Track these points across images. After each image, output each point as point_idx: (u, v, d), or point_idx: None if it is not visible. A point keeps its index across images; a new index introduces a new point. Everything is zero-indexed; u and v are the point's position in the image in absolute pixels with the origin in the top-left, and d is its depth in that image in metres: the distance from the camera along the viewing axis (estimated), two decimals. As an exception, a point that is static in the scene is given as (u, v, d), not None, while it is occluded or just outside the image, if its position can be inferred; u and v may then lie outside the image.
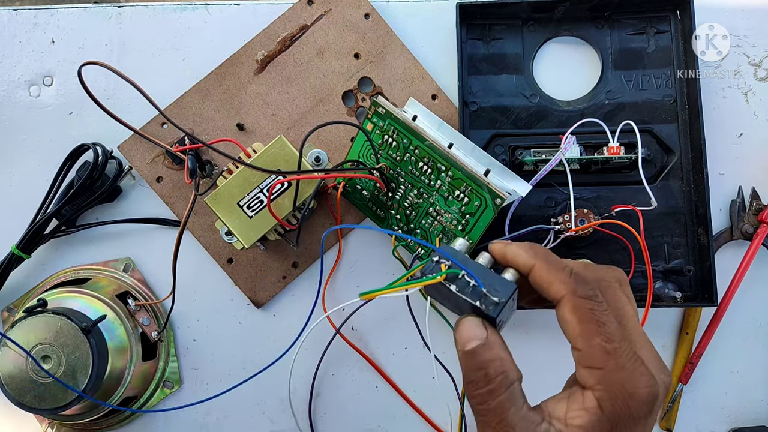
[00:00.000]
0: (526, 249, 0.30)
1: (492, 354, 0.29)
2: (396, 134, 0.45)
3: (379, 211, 0.48)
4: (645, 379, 0.27)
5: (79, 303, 0.47)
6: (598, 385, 0.27)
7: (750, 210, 0.50)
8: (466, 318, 0.30)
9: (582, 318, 0.28)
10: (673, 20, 0.50)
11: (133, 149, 0.51)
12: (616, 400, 0.26)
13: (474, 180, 0.42)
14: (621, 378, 0.26)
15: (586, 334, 0.27)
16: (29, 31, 0.53)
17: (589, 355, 0.27)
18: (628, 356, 0.27)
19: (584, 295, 0.28)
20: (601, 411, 0.26)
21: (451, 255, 0.30)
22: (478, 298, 0.29)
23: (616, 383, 0.26)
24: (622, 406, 0.26)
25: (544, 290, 0.29)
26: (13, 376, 0.44)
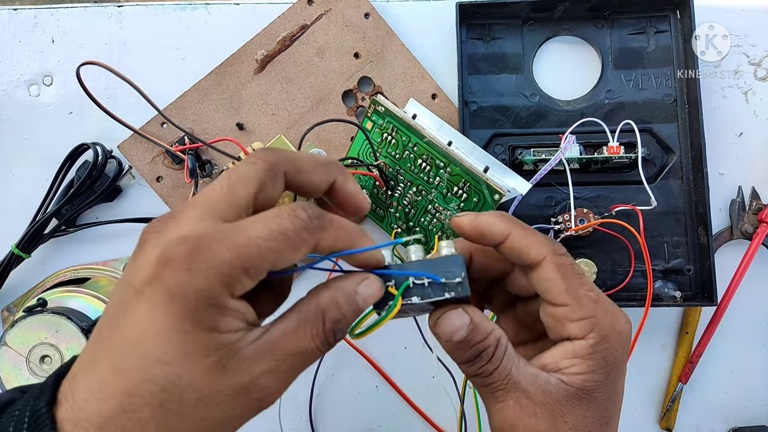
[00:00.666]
0: (499, 217, 0.30)
1: (483, 330, 0.28)
2: (395, 132, 0.45)
3: (378, 210, 0.48)
4: (623, 315, 0.30)
5: (79, 302, 0.47)
6: (591, 332, 0.28)
7: (750, 209, 0.50)
8: (445, 314, 0.29)
9: (565, 274, 0.29)
10: (673, 20, 0.50)
11: (132, 149, 0.51)
12: (609, 341, 0.28)
13: (472, 176, 0.42)
14: (610, 321, 0.29)
15: (573, 287, 0.29)
16: (29, 31, 0.53)
17: (579, 307, 0.28)
18: (606, 300, 0.29)
19: (562, 252, 0.30)
20: (596, 354, 0.28)
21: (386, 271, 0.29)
22: (442, 290, 0.28)
23: (606, 327, 0.28)
24: (615, 344, 0.28)
25: (523, 254, 0.29)
26: (12, 375, 0.44)
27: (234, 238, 0.23)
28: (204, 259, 0.22)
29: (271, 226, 0.24)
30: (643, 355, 0.50)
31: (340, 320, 0.25)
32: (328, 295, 0.26)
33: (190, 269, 0.22)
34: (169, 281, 0.22)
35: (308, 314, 0.25)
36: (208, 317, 0.22)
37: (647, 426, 0.50)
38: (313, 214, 0.25)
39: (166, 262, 0.22)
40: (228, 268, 0.22)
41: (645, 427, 0.50)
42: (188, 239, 0.23)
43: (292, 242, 0.24)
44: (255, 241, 0.23)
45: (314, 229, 0.24)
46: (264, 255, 0.23)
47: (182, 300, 0.22)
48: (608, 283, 0.48)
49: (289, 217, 0.24)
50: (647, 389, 0.51)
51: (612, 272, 0.48)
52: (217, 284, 0.22)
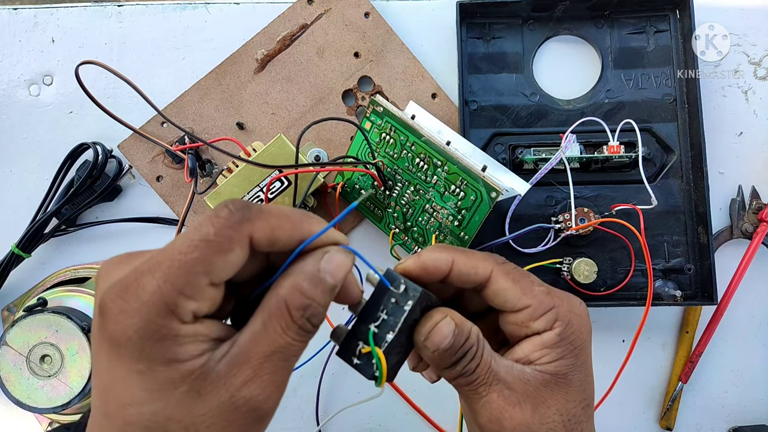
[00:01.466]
0: (439, 249, 0.30)
1: (466, 331, 0.29)
2: (393, 132, 0.45)
3: (377, 210, 0.48)
4: (576, 299, 0.31)
5: (79, 302, 0.47)
6: (557, 322, 0.29)
7: (750, 209, 0.50)
8: (437, 327, 0.28)
9: (515, 278, 0.30)
10: (672, 19, 0.50)
11: (132, 148, 0.51)
12: (573, 324, 0.30)
13: (470, 174, 0.42)
14: (567, 306, 0.30)
15: (527, 288, 0.30)
16: (29, 31, 0.53)
17: (539, 304, 0.29)
18: (556, 290, 0.31)
19: (503, 261, 0.31)
20: (564, 341, 0.29)
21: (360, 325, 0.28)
22: (401, 307, 0.27)
23: (567, 312, 0.30)
24: (578, 327, 0.30)
25: (470, 276, 0.30)
26: (13, 375, 0.44)
27: (159, 264, 0.22)
28: (134, 296, 0.22)
29: (191, 237, 0.22)
30: (643, 355, 0.50)
31: (308, 305, 0.24)
32: (288, 283, 0.24)
33: (123, 312, 0.22)
34: (110, 329, 0.22)
35: (271, 309, 0.24)
36: (161, 351, 0.22)
37: (647, 425, 0.50)
38: (235, 207, 0.23)
39: (102, 311, 0.22)
40: (160, 297, 0.22)
41: (645, 426, 0.50)
42: (117, 282, 0.22)
43: (217, 245, 0.22)
44: (177, 257, 0.22)
45: (238, 222, 0.23)
46: (191, 269, 0.22)
47: (126, 344, 0.22)
48: (608, 282, 0.48)
49: (208, 220, 0.23)
50: (647, 388, 0.51)
51: (612, 271, 0.48)
52: (156, 317, 0.22)
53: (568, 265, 0.46)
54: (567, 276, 0.47)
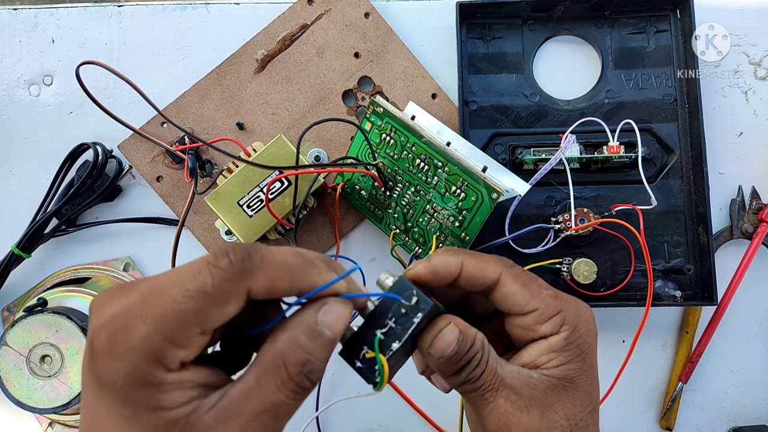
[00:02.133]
0: (448, 252, 0.30)
1: (471, 337, 0.29)
2: (394, 132, 0.45)
3: (377, 211, 0.48)
4: (583, 303, 0.31)
5: (79, 302, 0.47)
6: (564, 326, 0.29)
7: (750, 209, 0.50)
8: (441, 334, 0.28)
9: (524, 282, 0.30)
10: (673, 20, 0.50)
11: (133, 148, 0.51)
12: (579, 328, 0.30)
13: (470, 175, 0.42)
14: (575, 311, 0.30)
15: (535, 292, 0.30)
16: (29, 31, 0.53)
17: (546, 307, 0.29)
18: (563, 294, 0.31)
19: (512, 265, 0.31)
20: (571, 345, 0.29)
21: None
22: (410, 318, 0.27)
23: (574, 317, 0.30)
24: (585, 331, 0.30)
25: (479, 279, 0.30)
26: (13, 375, 0.44)
27: (151, 309, 0.21)
28: (123, 341, 0.21)
29: (187, 286, 0.21)
30: (644, 355, 0.50)
31: (307, 361, 0.23)
32: (286, 336, 0.23)
33: (111, 355, 0.21)
34: (98, 371, 0.22)
35: (267, 364, 0.23)
36: (146, 398, 0.21)
37: (647, 425, 0.50)
38: (237, 258, 0.22)
39: (92, 352, 0.22)
40: (149, 345, 0.21)
41: (645, 426, 0.50)
42: (108, 323, 0.22)
43: (215, 298, 0.22)
44: (171, 306, 0.21)
45: (238, 276, 0.22)
46: (185, 320, 0.21)
47: (112, 388, 0.21)
48: (608, 282, 0.48)
49: (207, 269, 0.22)
50: (647, 389, 0.51)
51: (612, 272, 0.48)
52: (143, 363, 0.21)
53: (567, 265, 0.46)
54: (567, 276, 0.47)
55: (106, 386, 0.22)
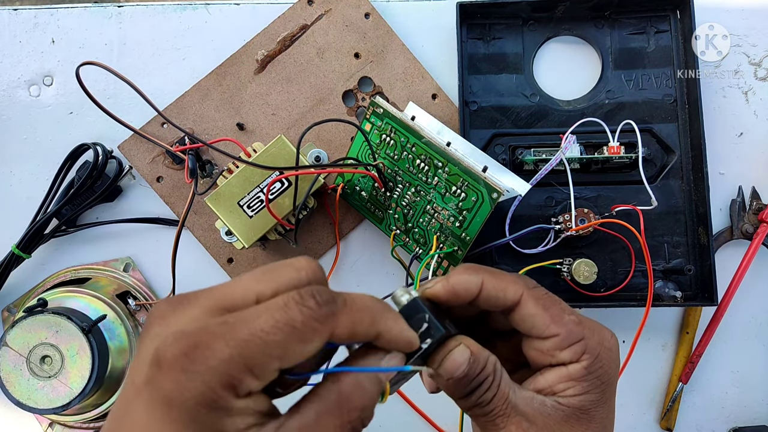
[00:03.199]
0: (468, 271, 0.29)
1: (482, 360, 0.28)
2: (394, 133, 0.45)
3: (377, 212, 0.48)
4: (607, 331, 0.30)
5: (80, 303, 0.47)
6: (585, 354, 0.28)
7: (750, 209, 0.50)
8: (450, 355, 0.27)
9: (545, 305, 0.29)
10: (673, 20, 0.50)
11: (133, 149, 0.51)
12: (602, 358, 0.28)
13: (471, 175, 0.42)
14: (598, 339, 0.29)
15: (557, 316, 0.29)
16: (29, 31, 0.53)
17: (567, 333, 0.28)
18: (588, 319, 0.29)
19: (535, 285, 0.29)
20: (591, 375, 0.28)
21: None
22: (429, 336, 0.27)
23: (596, 345, 0.29)
24: (607, 362, 0.29)
25: (499, 300, 0.29)
26: (13, 375, 0.44)
27: (235, 333, 0.21)
28: (201, 359, 0.20)
29: (276, 317, 0.21)
30: (644, 355, 0.50)
31: (366, 406, 0.23)
32: (350, 379, 0.23)
33: (185, 371, 0.20)
34: (165, 385, 0.20)
35: (329, 404, 0.23)
36: (211, 421, 0.21)
37: (647, 426, 0.50)
38: (323, 299, 0.22)
39: (160, 364, 0.21)
40: (228, 368, 0.20)
41: (645, 427, 0.50)
42: (184, 336, 0.21)
43: (301, 334, 0.21)
44: (258, 335, 0.21)
45: (325, 317, 0.22)
46: (269, 350, 0.21)
47: (179, 406, 0.20)
48: (609, 283, 0.48)
49: (297, 306, 0.22)
50: (647, 389, 0.51)
51: (612, 272, 0.48)
52: (218, 387, 0.20)
53: (568, 265, 0.46)
54: (567, 277, 0.47)
55: (172, 404, 0.20)
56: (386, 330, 0.24)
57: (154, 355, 0.21)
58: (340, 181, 0.48)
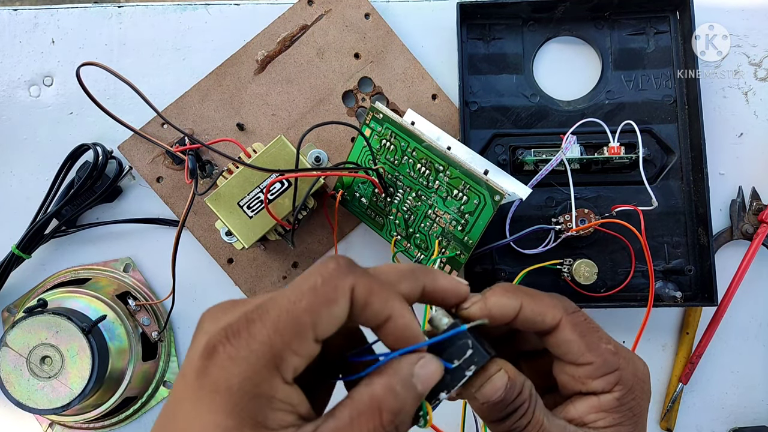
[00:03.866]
0: (506, 293, 0.28)
1: (519, 385, 0.27)
2: (394, 138, 0.45)
3: (378, 218, 0.48)
4: (640, 361, 0.29)
5: (80, 303, 0.47)
6: (618, 385, 0.28)
7: (750, 210, 0.50)
8: (490, 380, 0.26)
9: (583, 332, 0.28)
10: (672, 20, 0.50)
11: (133, 149, 0.51)
12: (635, 390, 0.28)
13: (472, 178, 0.42)
14: (632, 369, 0.28)
15: (593, 345, 0.28)
16: (29, 31, 0.53)
17: (603, 363, 0.28)
18: (623, 349, 0.29)
19: (575, 310, 0.29)
20: (623, 407, 0.28)
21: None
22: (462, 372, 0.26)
23: (630, 377, 0.28)
24: (639, 394, 0.28)
25: (538, 323, 0.28)
26: (13, 376, 0.44)
27: (269, 314, 0.22)
28: (244, 343, 0.21)
29: (301, 287, 0.22)
30: (644, 356, 0.49)
31: (399, 410, 0.23)
32: (383, 382, 0.23)
33: (231, 357, 0.21)
34: (214, 373, 0.21)
35: (362, 407, 0.23)
36: (255, 410, 0.21)
37: (647, 426, 0.50)
38: (343, 261, 0.23)
39: (210, 353, 0.22)
40: (268, 348, 0.21)
41: (645, 427, 0.50)
42: (228, 327, 0.22)
43: (324, 295, 0.22)
44: (286, 306, 0.22)
45: (344, 273, 0.23)
46: (300, 319, 0.22)
47: (225, 392, 0.21)
48: (609, 283, 0.48)
49: (317, 270, 0.23)
50: (648, 389, 0.51)
51: (612, 272, 0.48)
52: (262, 368, 0.21)
53: (568, 266, 0.46)
54: (567, 277, 0.47)
55: (219, 391, 0.21)
56: (393, 309, 0.24)
57: (204, 347, 0.22)
58: (339, 187, 0.48)
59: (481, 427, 0.44)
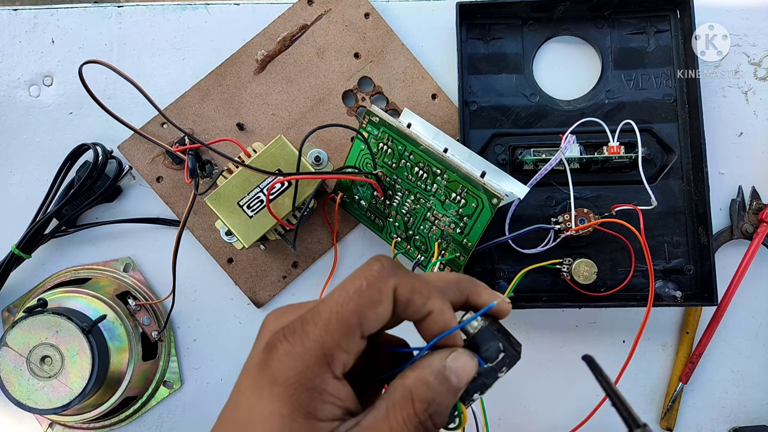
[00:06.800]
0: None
1: None
2: (391, 141, 0.45)
3: (377, 221, 0.48)
4: None
5: (80, 303, 0.47)
6: None
7: (750, 209, 0.50)
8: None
9: None
10: (673, 20, 0.50)
11: (133, 149, 0.51)
12: None
13: (470, 181, 0.42)
14: None
15: None
16: (29, 31, 0.53)
17: None
18: None
19: None
20: None
21: None
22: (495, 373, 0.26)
23: None
24: None
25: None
26: (13, 376, 0.44)
27: (321, 315, 0.24)
28: (300, 342, 0.24)
29: (348, 289, 0.24)
30: (644, 355, 0.50)
31: (432, 400, 0.24)
32: (414, 374, 0.25)
33: (288, 354, 0.24)
34: (273, 366, 0.24)
35: (396, 398, 0.24)
36: (307, 401, 0.23)
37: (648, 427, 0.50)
38: (386, 264, 0.25)
39: (270, 349, 0.24)
40: (320, 346, 0.24)
41: (645, 426, 0.50)
42: (287, 327, 0.24)
43: (369, 295, 0.24)
44: (335, 309, 0.24)
45: (388, 275, 0.25)
46: (347, 319, 0.24)
47: (282, 384, 0.23)
48: (609, 283, 0.48)
49: (362, 273, 0.25)
50: (648, 389, 0.51)
51: (612, 272, 0.48)
52: (314, 364, 0.23)
53: (567, 265, 0.46)
54: (567, 277, 0.47)
55: (277, 383, 0.23)
56: (437, 308, 0.25)
57: (266, 344, 0.24)
58: (338, 189, 0.48)
59: (482, 427, 0.44)
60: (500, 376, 0.27)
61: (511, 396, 0.51)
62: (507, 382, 0.52)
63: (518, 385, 0.51)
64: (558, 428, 0.50)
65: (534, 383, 0.51)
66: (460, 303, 0.27)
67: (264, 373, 0.24)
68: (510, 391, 0.51)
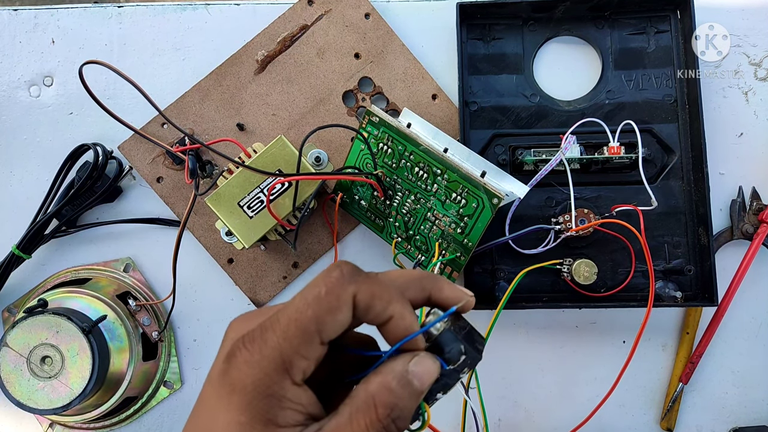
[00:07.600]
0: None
1: None
2: (391, 142, 0.45)
3: (378, 221, 0.48)
4: None
5: (80, 303, 0.47)
6: None
7: (750, 210, 0.50)
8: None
9: None
10: (673, 20, 0.50)
11: (133, 149, 0.51)
12: None
13: (470, 181, 0.42)
14: None
15: None
16: (29, 31, 0.53)
17: None
18: None
19: None
20: None
21: None
22: (457, 374, 0.27)
23: None
24: None
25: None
26: (13, 376, 0.44)
27: (280, 322, 0.24)
28: (258, 349, 0.24)
29: (306, 296, 0.24)
30: (644, 356, 0.50)
31: (395, 405, 0.24)
32: (377, 379, 0.25)
33: (246, 362, 0.24)
34: (232, 374, 0.24)
35: (359, 404, 0.24)
36: (266, 408, 0.23)
37: (648, 426, 0.50)
38: (347, 269, 0.25)
39: (230, 358, 0.24)
40: (278, 353, 0.23)
41: (645, 427, 0.50)
42: (247, 335, 0.24)
43: (327, 302, 0.24)
44: (294, 316, 0.24)
45: (347, 283, 0.24)
46: (306, 326, 0.24)
47: (241, 392, 0.23)
48: (609, 283, 0.48)
49: (322, 280, 0.24)
50: (648, 389, 0.51)
51: (613, 272, 0.48)
52: (273, 371, 0.23)
53: (568, 266, 0.46)
54: (567, 277, 0.47)
55: (236, 391, 0.23)
56: (397, 312, 0.25)
57: (227, 353, 0.24)
58: (338, 189, 0.48)
59: (482, 427, 0.44)
60: (462, 377, 0.27)
61: (511, 396, 0.51)
62: (507, 382, 0.53)
63: (518, 386, 0.51)
64: (558, 428, 0.50)
65: (534, 383, 0.51)
66: (423, 300, 0.27)
67: (224, 382, 0.24)
68: (510, 392, 0.51)
